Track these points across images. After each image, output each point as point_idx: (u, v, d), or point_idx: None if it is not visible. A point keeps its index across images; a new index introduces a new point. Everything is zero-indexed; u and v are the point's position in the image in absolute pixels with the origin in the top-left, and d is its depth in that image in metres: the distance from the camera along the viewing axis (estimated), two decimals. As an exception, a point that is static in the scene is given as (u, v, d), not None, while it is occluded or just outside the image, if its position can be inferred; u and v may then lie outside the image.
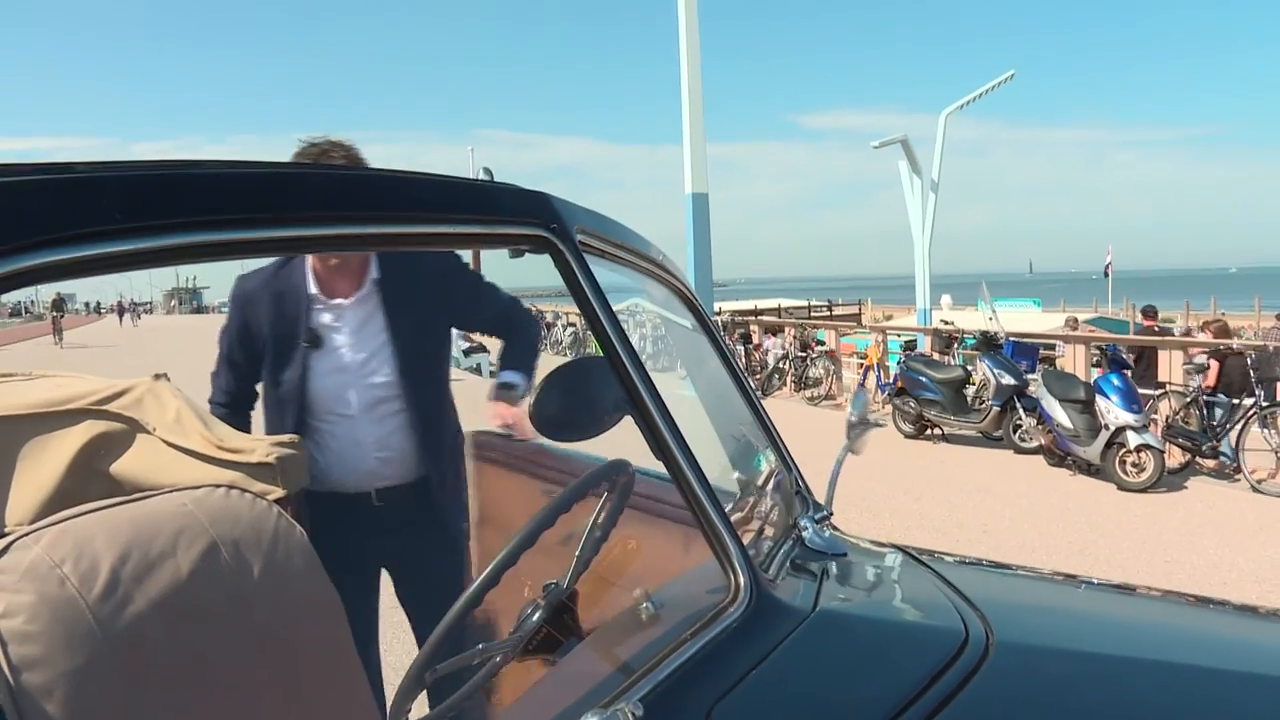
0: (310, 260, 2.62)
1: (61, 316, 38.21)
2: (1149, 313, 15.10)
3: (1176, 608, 1.83)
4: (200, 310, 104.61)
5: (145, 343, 36.01)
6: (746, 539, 1.38)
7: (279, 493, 2.19)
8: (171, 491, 1.91)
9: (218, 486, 1.97)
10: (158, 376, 2.33)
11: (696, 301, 1.67)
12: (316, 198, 0.89)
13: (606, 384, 1.12)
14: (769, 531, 1.46)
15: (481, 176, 1.14)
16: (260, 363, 2.73)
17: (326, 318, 2.66)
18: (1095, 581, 1.96)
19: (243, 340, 2.74)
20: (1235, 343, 11.16)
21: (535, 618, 1.27)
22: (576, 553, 1.33)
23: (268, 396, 2.74)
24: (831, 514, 1.60)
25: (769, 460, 1.65)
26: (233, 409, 2.77)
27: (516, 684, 1.22)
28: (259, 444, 2.22)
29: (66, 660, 1.49)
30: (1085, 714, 1.15)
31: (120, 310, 70.07)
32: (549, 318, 29.08)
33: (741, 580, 1.12)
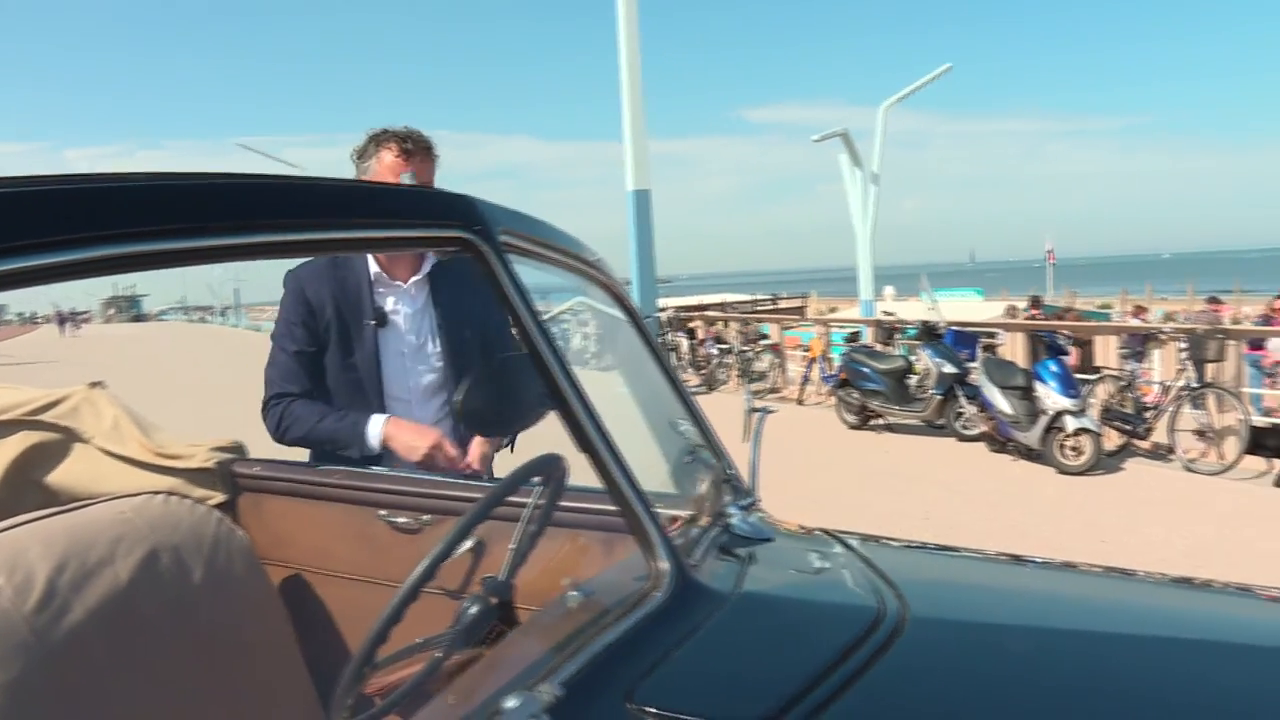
0: None
1: None
2: (1035, 303, 16.99)
3: (1108, 582, 1.90)
4: (139, 318, 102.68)
5: (91, 354, 33.80)
6: (677, 527, 1.42)
7: (220, 498, 2.19)
8: (110, 500, 1.91)
9: (157, 493, 1.97)
10: (94, 384, 2.31)
11: (627, 300, 1.72)
12: (245, 206, 0.91)
13: (530, 381, 1.15)
14: (698, 520, 1.51)
15: (405, 181, 1.17)
16: (324, 350, 2.67)
17: (389, 300, 2.69)
18: (1028, 559, 2.03)
19: (308, 328, 2.67)
20: (1169, 326, 11.45)
21: (473, 611, 1.30)
22: (513, 546, 1.36)
23: (335, 382, 2.69)
24: (758, 500, 1.65)
25: (701, 452, 1.69)
26: (304, 398, 2.67)
27: (447, 673, 1.25)
28: (198, 449, 2.22)
29: (1, 673, 1.49)
30: (996, 683, 1.20)
31: (60, 320, 67.54)
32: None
33: (664, 566, 1.17)
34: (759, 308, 44.41)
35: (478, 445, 2.57)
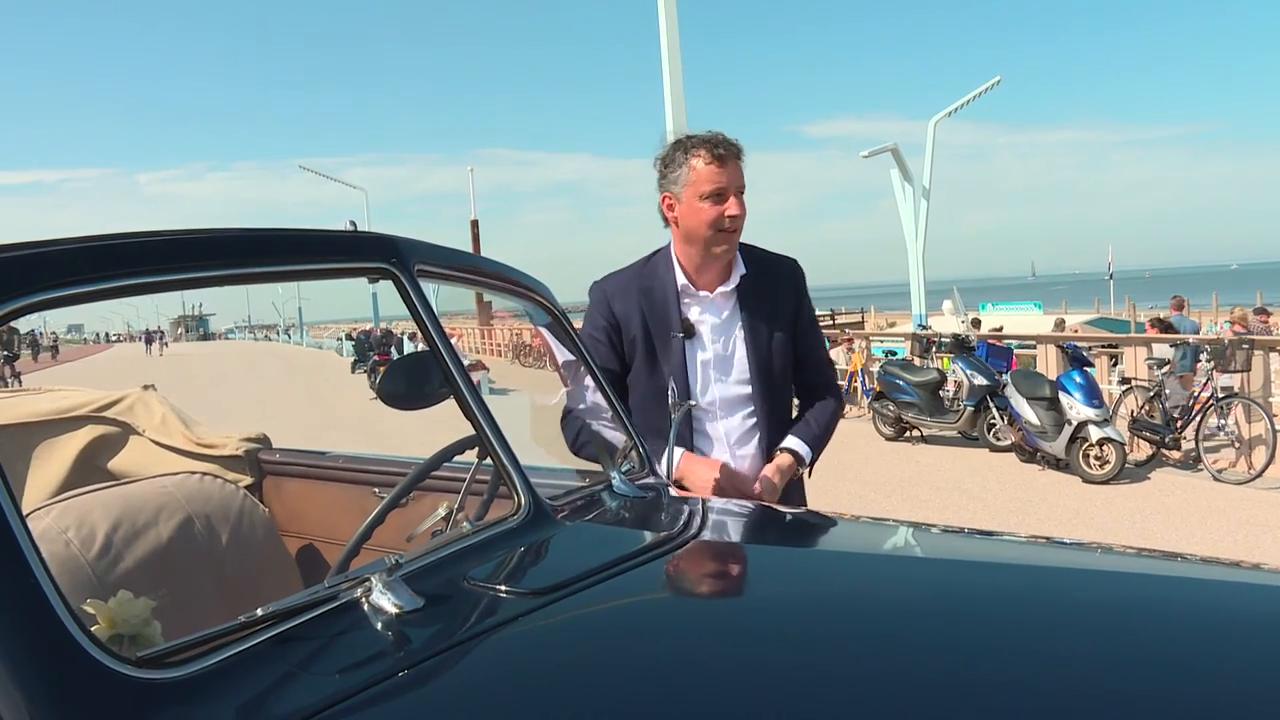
0: (675, 253, 2.73)
1: (14, 359, 30.89)
2: (975, 323, 17.87)
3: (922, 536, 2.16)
4: (207, 337, 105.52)
5: (191, 374, 31.32)
6: (575, 487, 1.84)
7: (248, 480, 2.64)
8: (156, 477, 2.38)
9: (193, 473, 2.44)
10: (146, 387, 2.79)
11: (554, 305, 2.14)
12: (224, 250, 1.36)
13: (433, 371, 1.58)
14: (590, 482, 1.93)
15: (347, 227, 1.61)
16: (627, 367, 2.73)
17: (694, 311, 2.73)
18: (892, 523, 2.27)
19: (611, 344, 2.73)
20: (1192, 338, 11.55)
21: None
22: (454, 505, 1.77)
23: (643, 393, 2.70)
24: (653, 472, 2.06)
25: (612, 433, 2.11)
26: (593, 415, 2.61)
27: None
28: (230, 440, 2.68)
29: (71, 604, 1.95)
30: (726, 585, 1.59)
31: (147, 338, 66.94)
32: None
33: (524, 500, 1.57)
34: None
35: (769, 471, 2.63)
